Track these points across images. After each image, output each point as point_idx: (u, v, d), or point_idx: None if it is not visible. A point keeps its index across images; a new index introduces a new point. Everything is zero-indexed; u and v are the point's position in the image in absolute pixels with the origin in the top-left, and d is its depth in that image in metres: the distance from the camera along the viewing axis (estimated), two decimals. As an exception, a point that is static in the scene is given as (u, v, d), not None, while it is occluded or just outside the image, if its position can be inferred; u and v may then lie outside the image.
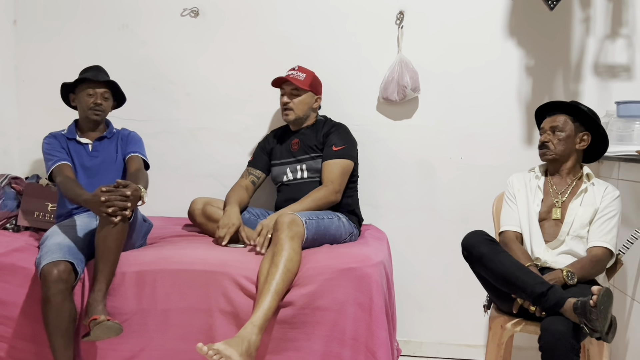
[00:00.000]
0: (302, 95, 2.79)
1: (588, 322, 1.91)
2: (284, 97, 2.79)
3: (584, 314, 1.91)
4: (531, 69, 2.93)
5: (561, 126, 2.35)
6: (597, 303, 1.88)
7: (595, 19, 2.89)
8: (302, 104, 2.79)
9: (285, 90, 2.80)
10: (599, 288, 1.90)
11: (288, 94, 2.78)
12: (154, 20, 3.13)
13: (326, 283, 2.23)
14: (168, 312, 2.28)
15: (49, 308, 2.13)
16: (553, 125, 2.37)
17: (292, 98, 2.78)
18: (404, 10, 2.97)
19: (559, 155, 2.37)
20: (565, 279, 2.14)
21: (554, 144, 2.36)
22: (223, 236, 2.52)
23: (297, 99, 2.78)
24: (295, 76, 2.77)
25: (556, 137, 2.36)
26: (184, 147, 3.17)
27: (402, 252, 2.98)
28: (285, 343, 2.24)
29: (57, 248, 2.23)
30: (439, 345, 3.03)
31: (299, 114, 2.79)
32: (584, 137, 2.37)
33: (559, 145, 2.36)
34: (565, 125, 2.36)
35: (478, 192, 2.93)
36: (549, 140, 2.37)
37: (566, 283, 2.14)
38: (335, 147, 2.71)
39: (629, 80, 2.88)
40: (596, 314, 1.88)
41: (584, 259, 2.25)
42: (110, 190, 2.20)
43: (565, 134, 2.35)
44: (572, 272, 2.16)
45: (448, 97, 2.98)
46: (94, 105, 2.61)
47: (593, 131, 2.36)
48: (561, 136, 2.35)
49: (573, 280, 2.14)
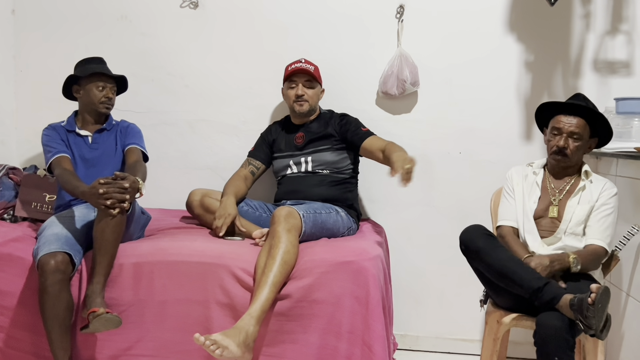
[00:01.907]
0: (315, 87, 2.80)
1: (584, 319, 1.91)
2: (298, 88, 2.78)
3: (581, 310, 1.92)
4: (530, 64, 2.93)
5: (581, 132, 2.27)
6: (595, 301, 1.88)
7: (595, 15, 2.88)
8: (315, 95, 2.81)
9: (297, 81, 2.78)
10: (597, 286, 1.91)
11: (303, 85, 2.78)
12: (153, 12, 3.12)
13: (323, 276, 2.23)
14: (165, 303, 2.28)
15: (46, 298, 2.13)
16: (573, 131, 2.27)
17: (307, 89, 2.77)
18: (404, 4, 2.96)
19: (573, 162, 2.33)
20: (570, 263, 2.15)
21: (571, 150, 2.28)
22: (220, 226, 2.52)
23: (311, 90, 2.78)
24: (307, 67, 2.77)
25: (574, 143, 2.28)
26: (182, 139, 3.16)
27: (399, 247, 2.99)
28: (282, 335, 2.24)
29: (55, 239, 2.23)
30: (435, 339, 3.04)
31: (312, 105, 2.79)
32: (593, 143, 2.35)
33: (576, 153, 2.30)
34: (584, 131, 2.28)
35: (476, 187, 2.93)
36: (567, 146, 2.28)
37: (570, 268, 2.14)
38: (363, 128, 2.75)
39: (628, 76, 2.88)
40: (593, 311, 1.89)
41: (585, 251, 2.25)
42: (108, 182, 2.20)
43: (582, 142, 2.29)
44: (578, 259, 2.17)
45: (447, 92, 2.98)
46: (105, 99, 2.62)
47: (600, 130, 2.33)
48: (579, 143, 2.28)
49: (577, 267, 2.15)
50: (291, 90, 2.80)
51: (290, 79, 2.80)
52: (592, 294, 1.90)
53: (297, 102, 2.78)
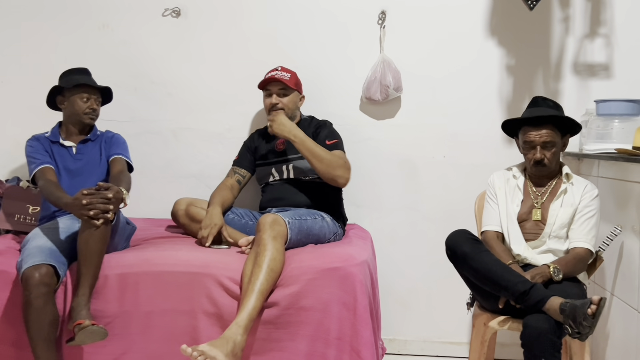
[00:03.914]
0: (289, 94, 2.79)
1: (575, 325, 1.92)
2: (272, 97, 2.77)
3: (574, 317, 1.92)
4: (512, 68, 2.96)
5: (552, 140, 2.31)
6: (595, 313, 1.89)
7: (574, 18, 2.92)
8: (291, 102, 2.79)
9: (272, 90, 2.78)
10: (598, 298, 1.91)
11: (276, 94, 2.77)
12: (135, 20, 3.10)
13: (310, 283, 2.23)
14: (151, 314, 2.26)
15: (30, 312, 2.11)
16: (545, 141, 2.30)
17: (281, 98, 2.77)
18: (385, 10, 2.98)
19: (553, 167, 2.37)
20: (551, 274, 2.16)
21: (549, 159, 2.32)
22: (206, 236, 2.51)
23: (285, 98, 2.77)
24: (281, 76, 2.76)
25: (549, 151, 2.31)
26: (166, 148, 3.14)
27: (386, 251, 3.00)
28: (269, 343, 2.24)
29: (39, 251, 2.20)
30: (423, 342, 3.05)
31: (289, 112, 2.78)
32: (566, 140, 2.38)
33: (553, 160, 2.34)
34: (554, 137, 2.31)
35: (461, 191, 2.95)
36: (544, 157, 2.31)
37: (552, 279, 2.16)
38: (329, 141, 2.71)
39: (607, 78, 2.92)
40: (590, 322, 1.90)
41: (568, 257, 2.27)
42: (91, 193, 2.18)
43: (557, 147, 2.33)
44: (558, 268, 2.18)
45: (430, 97, 3.00)
46: (90, 110, 2.61)
47: (568, 125, 2.36)
48: (554, 149, 2.32)
49: (559, 276, 2.17)
50: (267, 99, 2.79)
51: (265, 88, 2.80)
52: (592, 305, 1.90)
53: (272, 112, 2.77)
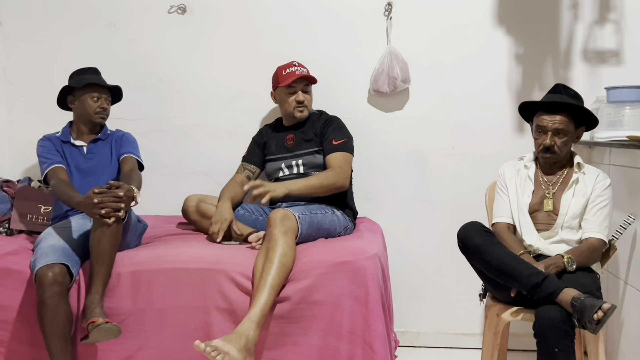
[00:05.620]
0: (310, 91, 2.80)
1: (581, 324, 1.93)
2: (298, 94, 2.74)
3: (581, 314, 1.92)
4: (520, 57, 2.93)
5: (565, 128, 2.27)
6: (600, 320, 1.89)
7: (583, 4, 2.89)
8: (311, 99, 2.81)
9: (296, 88, 2.75)
10: (608, 306, 1.90)
11: (303, 91, 2.76)
12: (142, 18, 3.11)
13: (322, 277, 2.24)
14: (164, 311, 2.28)
15: (44, 311, 2.13)
16: (557, 128, 2.27)
17: (306, 95, 2.77)
18: (392, 2, 2.96)
19: (562, 157, 2.35)
20: (565, 264, 2.15)
21: (559, 147, 2.29)
22: (217, 232, 2.52)
23: (309, 95, 2.79)
24: (302, 72, 2.74)
25: (560, 139, 2.28)
26: (175, 145, 3.16)
27: (397, 244, 2.99)
28: (282, 338, 2.24)
29: (52, 250, 2.22)
30: (436, 334, 3.05)
31: (310, 109, 2.79)
32: (580, 132, 2.35)
33: (563, 148, 2.30)
34: (568, 126, 2.28)
35: (471, 182, 2.94)
36: (554, 144, 2.29)
37: (565, 269, 2.15)
38: (335, 141, 2.70)
39: (618, 65, 2.88)
40: (594, 326, 1.90)
41: (582, 247, 2.26)
42: (102, 191, 2.20)
43: (568, 136, 2.30)
44: (572, 258, 2.17)
45: (438, 88, 2.98)
46: (100, 109, 2.62)
47: (584, 118, 2.34)
48: (565, 138, 2.29)
49: (572, 266, 2.15)
50: (292, 96, 2.76)
51: (289, 85, 2.75)
52: (599, 311, 1.89)
53: (298, 109, 2.76)
